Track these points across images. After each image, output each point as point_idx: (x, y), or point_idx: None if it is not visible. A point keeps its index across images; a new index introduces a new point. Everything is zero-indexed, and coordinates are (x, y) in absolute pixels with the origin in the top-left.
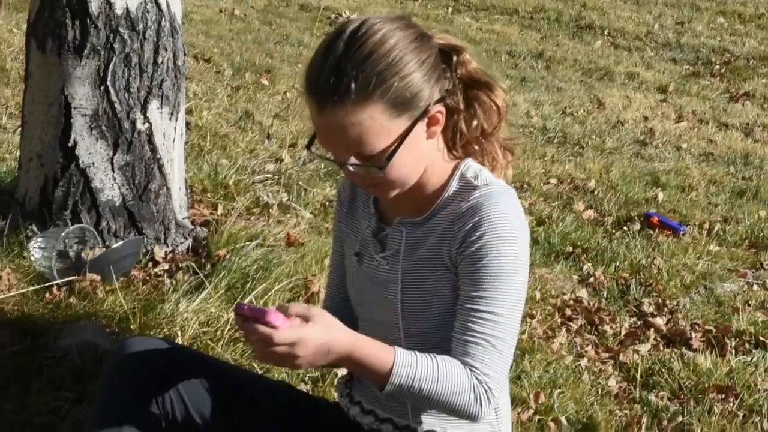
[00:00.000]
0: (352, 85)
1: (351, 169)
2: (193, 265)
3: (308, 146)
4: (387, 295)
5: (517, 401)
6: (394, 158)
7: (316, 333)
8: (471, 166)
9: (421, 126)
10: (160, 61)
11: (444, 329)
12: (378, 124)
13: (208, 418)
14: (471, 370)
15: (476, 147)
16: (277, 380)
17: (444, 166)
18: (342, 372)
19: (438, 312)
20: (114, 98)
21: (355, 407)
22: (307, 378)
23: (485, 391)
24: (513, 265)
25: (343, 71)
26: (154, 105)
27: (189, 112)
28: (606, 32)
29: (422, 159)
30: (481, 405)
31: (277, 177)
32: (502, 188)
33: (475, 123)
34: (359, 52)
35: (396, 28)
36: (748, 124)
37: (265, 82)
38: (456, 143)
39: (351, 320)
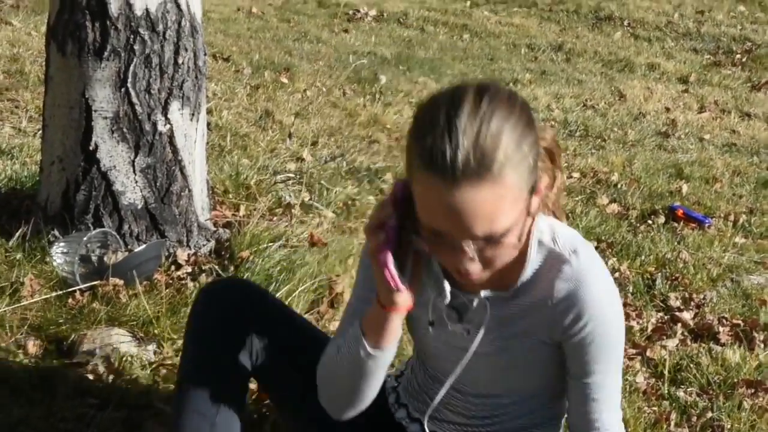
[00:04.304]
0: (495, 159)
1: (472, 249)
2: (216, 267)
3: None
4: (484, 371)
5: None
6: (518, 233)
7: None
8: (543, 229)
9: (535, 200)
10: (180, 61)
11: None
12: (511, 197)
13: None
14: None
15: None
16: None
17: None
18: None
19: (524, 375)
20: (135, 100)
21: (401, 410)
22: None
23: None
24: (619, 334)
25: (482, 146)
26: (175, 106)
27: (209, 112)
28: (626, 23)
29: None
30: None
31: (298, 176)
32: (586, 255)
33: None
34: (492, 124)
35: (513, 100)
36: None
37: (285, 80)
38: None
39: None
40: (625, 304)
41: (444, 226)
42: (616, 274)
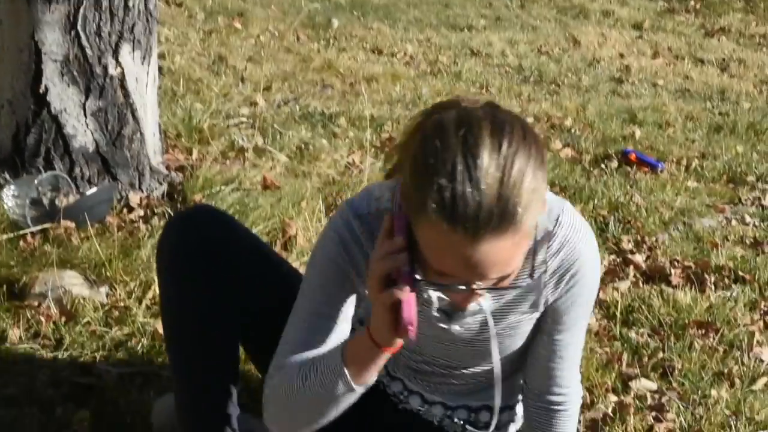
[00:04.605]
0: (518, 209)
1: (481, 289)
2: (169, 210)
3: (422, 281)
4: (475, 351)
5: None
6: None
7: None
8: None
9: (541, 219)
10: (131, 4)
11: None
12: (526, 240)
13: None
14: (559, 403)
15: None
16: None
17: None
18: None
19: (525, 346)
20: (85, 43)
21: (396, 383)
22: None
23: (576, 401)
24: (596, 289)
25: (505, 197)
26: (125, 49)
27: (161, 56)
28: None
29: None
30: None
31: (251, 120)
32: (567, 219)
33: None
34: (514, 171)
35: (528, 135)
36: (723, 59)
37: (238, 26)
38: None
39: None
40: None
41: (457, 272)
42: None
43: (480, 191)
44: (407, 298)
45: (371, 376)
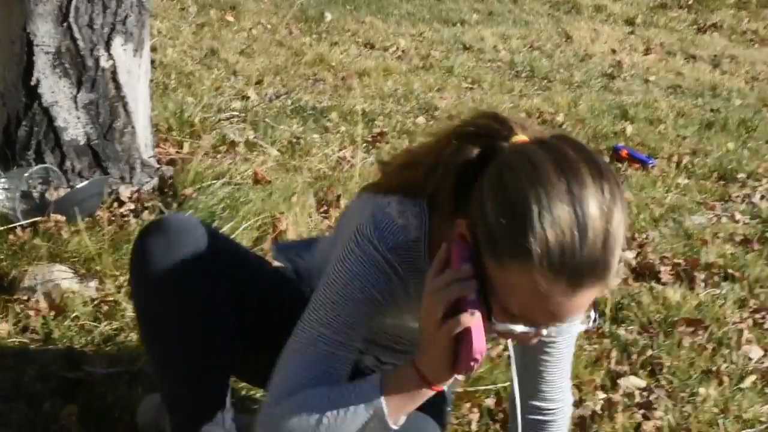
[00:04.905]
0: (615, 257)
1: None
2: (160, 204)
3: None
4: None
5: None
6: None
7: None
8: None
9: None
10: None
11: None
12: None
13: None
14: (549, 411)
15: None
16: None
17: None
18: None
19: None
20: (77, 35)
21: (368, 357)
22: None
23: (567, 411)
24: None
25: (608, 247)
26: (117, 42)
27: (153, 49)
28: None
29: None
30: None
31: (243, 114)
32: None
33: None
34: (614, 220)
35: (616, 175)
36: (715, 55)
37: (231, 19)
38: None
39: None
40: None
41: (537, 316)
42: None
43: (587, 242)
44: (477, 324)
45: (405, 416)
